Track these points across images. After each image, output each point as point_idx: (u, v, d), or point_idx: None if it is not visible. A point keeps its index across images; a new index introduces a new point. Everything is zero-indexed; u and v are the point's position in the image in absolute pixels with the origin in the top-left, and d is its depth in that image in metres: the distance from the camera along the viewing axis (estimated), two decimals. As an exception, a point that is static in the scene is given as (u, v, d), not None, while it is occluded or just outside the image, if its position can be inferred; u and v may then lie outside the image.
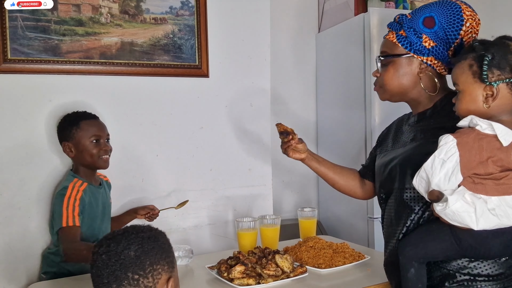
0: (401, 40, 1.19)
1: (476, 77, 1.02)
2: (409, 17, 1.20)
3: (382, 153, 1.35)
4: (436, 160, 1.02)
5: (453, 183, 1.01)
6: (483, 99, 1.02)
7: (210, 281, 1.48)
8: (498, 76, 1.00)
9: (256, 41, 2.27)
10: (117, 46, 1.95)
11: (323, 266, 1.53)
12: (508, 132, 0.99)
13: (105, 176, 1.86)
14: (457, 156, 1.00)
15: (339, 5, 2.75)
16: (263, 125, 2.29)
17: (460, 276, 1.07)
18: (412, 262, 1.10)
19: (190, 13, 2.10)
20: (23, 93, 1.80)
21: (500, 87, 1.00)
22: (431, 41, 1.16)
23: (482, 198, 0.99)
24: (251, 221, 1.76)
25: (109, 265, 0.81)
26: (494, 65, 1.00)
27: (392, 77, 1.21)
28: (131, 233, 0.85)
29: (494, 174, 0.99)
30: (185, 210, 2.09)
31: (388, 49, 1.22)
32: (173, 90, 2.08)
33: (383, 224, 1.29)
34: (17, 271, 1.78)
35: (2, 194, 1.76)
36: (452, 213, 0.99)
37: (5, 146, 1.77)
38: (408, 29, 1.17)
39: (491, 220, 0.98)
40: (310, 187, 2.94)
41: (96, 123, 1.71)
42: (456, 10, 1.15)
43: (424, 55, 1.17)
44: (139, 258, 0.82)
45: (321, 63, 2.87)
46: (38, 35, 1.82)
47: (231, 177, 2.21)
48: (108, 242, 0.83)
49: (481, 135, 1.00)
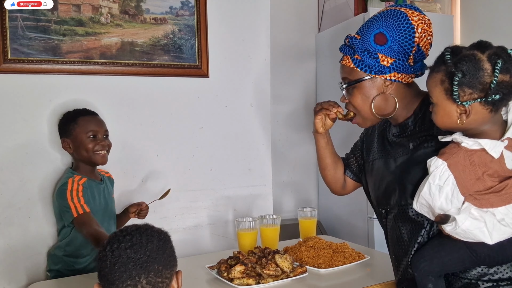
0: (358, 64, 1.15)
1: (448, 95, 0.97)
2: (358, 38, 1.16)
3: (370, 161, 1.31)
4: (432, 186, 0.99)
5: (455, 204, 0.98)
6: (457, 115, 0.97)
7: (210, 281, 1.48)
8: (470, 95, 0.94)
9: (256, 41, 2.27)
10: (117, 46, 1.96)
11: (323, 266, 1.53)
12: (496, 144, 0.96)
13: (106, 172, 1.86)
14: (452, 179, 0.97)
15: (339, 5, 2.75)
16: (263, 125, 2.29)
17: (483, 284, 1.04)
18: (428, 277, 1.06)
19: (190, 13, 2.10)
20: (23, 93, 1.80)
21: (472, 105, 0.95)
22: (388, 58, 1.12)
23: (489, 211, 0.95)
24: (251, 221, 1.76)
25: (136, 258, 0.81)
26: (465, 84, 0.93)
27: (362, 101, 1.17)
28: (146, 229, 0.87)
29: (494, 187, 0.96)
30: (185, 210, 2.09)
31: (348, 75, 1.19)
32: (173, 90, 2.08)
33: (389, 242, 1.24)
34: (17, 271, 1.78)
35: (2, 194, 1.76)
36: (463, 232, 0.96)
37: (5, 146, 1.77)
38: (361, 53, 1.14)
39: (503, 231, 0.95)
40: (310, 187, 2.94)
41: (94, 119, 1.72)
42: (404, 19, 1.11)
43: (386, 73, 1.13)
44: (161, 249, 0.85)
45: (321, 63, 2.88)
46: (38, 35, 1.82)
47: (231, 177, 2.22)
48: (128, 237, 0.84)
49: (470, 151, 0.97)
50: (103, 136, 1.71)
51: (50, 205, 1.79)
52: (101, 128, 1.71)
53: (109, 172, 1.88)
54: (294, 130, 2.87)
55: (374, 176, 1.27)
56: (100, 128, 1.71)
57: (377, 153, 1.27)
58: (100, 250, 0.85)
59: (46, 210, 1.80)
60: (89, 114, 1.73)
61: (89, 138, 1.68)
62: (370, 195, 1.33)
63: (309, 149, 2.92)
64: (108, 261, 0.82)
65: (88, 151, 1.67)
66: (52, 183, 1.81)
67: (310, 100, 2.92)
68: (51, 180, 1.81)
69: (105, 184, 1.78)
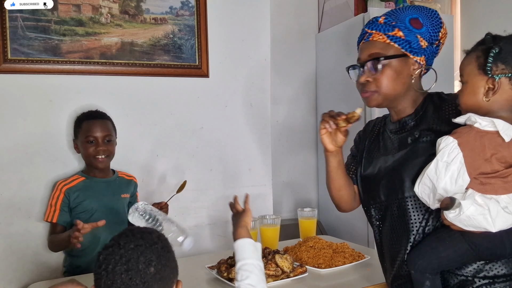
0: (397, 40, 1.13)
1: (480, 69, 1.00)
2: (393, 18, 1.16)
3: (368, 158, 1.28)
4: (440, 163, 0.99)
5: (460, 185, 0.98)
6: (484, 92, 1.00)
7: (210, 281, 1.48)
8: (502, 70, 0.98)
9: (256, 41, 2.27)
10: (117, 46, 1.96)
11: (323, 266, 1.53)
12: (509, 127, 0.97)
13: (129, 175, 1.87)
14: (461, 157, 0.97)
15: (339, 5, 2.75)
16: (263, 125, 2.29)
17: (479, 281, 1.04)
18: (425, 274, 1.06)
19: (190, 13, 2.10)
20: (23, 93, 1.80)
21: (502, 81, 0.98)
22: (424, 41, 1.15)
23: (493, 198, 0.96)
24: (251, 221, 1.75)
25: (131, 285, 0.78)
26: (499, 59, 0.98)
27: (392, 80, 1.13)
28: (145, 247, 0.81)
29: (500, 171, 0.97)
30: (185, 210, 2.09)
31: (381, 50, 1.14)
32: (173, 90, 2.08)
33: (383, 242, 1.22)
34: (17, 271, 1.78)
35: (2, 194, 1.76)
36: (467, 218, 0.96)
37: (5, 146, 1.77)
38: (404, 29, 1.13)
39: (507, 218, 0.95)
40: (310, 187, 2.94)
41: (96, 123, 1.72)
42: (434, 13, 1.17)
43: (419, 55, 1.14)
44: (159, 273, 0.80)
45: (321, 63, 2.88)
46: (38, 35, 1.82)
47: (231, 177, 2.22)
48: (124, 259, 0.79)
49: (482, 132, 0.98)
50: (103, 141, 1.71)
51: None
52: (102, 133, 1.71)
53: (133, 176, 1.89)
54: (294, 130, 2.87)
55: (372, 172, 1.25)
56: (101, 133, 1.71)
57: (376, 151, 1.26)
58: (97, 267, 0.81)
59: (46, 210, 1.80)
60: (93, 118, 1.73)
61: (88, 142, 1.70)
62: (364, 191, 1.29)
63: (309, 149, 2.93)
64: (102, 281, 0.79)
65: (88, 156, 1.71)
66: (52, 183, 1.81)
67: (310, 100, 2.92)
68: (51, 180, 1.82)
69: (117, 183, 1.80)
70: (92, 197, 1.70)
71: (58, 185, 1.70)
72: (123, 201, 1.81)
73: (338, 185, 1.31)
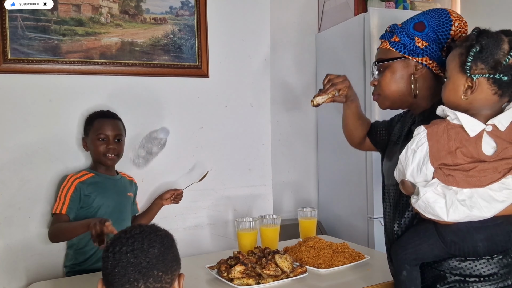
0: (394, 45, 1.22)
1: (461, 67, 1.01)
2: (400, 25, 1.24)
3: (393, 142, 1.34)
4: (409, 150, 1.04)
5: (424, 173, 1.02)
6: (463, 90, 1.01)
7: (210, 281, 1.48)
8: (481, 70, 0.98)
9: (256, 41, 2.27)
10: (117, 46, 1.95)
11: (323, 266, 1.53)
12: (475, 123, 0.99)
13: (130, 176, 1.91)
14: (426, 146, 1.01)
15: (339, 5, 2.75)
16: (263, 125, 2.29)
17: (451, 277, 1.07)
18: (404, 264, 1.10)
19: (190, 13, 2.09)
20: (23, 93, 1.80)
21: (480, 81, 0.99)
22: (423, 42, 1.18)
23: (452, 189, 0.99)
24: (251, 221, 1.76)
25: (136, 263, 0.82)
26: (479, 58, 0.98)
27: (390, 81, 1.22)
28: (150, 233, 0.87)
29: (463, 164, 0.99)
30: (185, 210, 2.09)
31: (383, 56, 1.25)
32: (173, 90, 2.08)
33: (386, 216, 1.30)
34: (17, 271, 1.78)
35: (2, 194, 1.76)
36: (424, 204, 1.00)
37: (5, 146, 1.77)
38: (400, 33, 1.21)
39: (460, 211, 0.98)
40: (310, 187, 2.94)
41: (108, 122, 1.75)
42: (443, 13, 1.20)
43: (419, 56, 1.19)
44: (162, 255, 0.85)
45: (321, 63, 2.87)
46: (38, 35, 1.82)
47: (231, 177, 2.21)
48: (130, 241, 0.85)
49: (450, 125, 1.01)
50: (114, 140, 1.75)
51: (50, 205, 1.79)
52: (113, 132, 1.74)
53: (133, 177, 1.93)
54: (294, 130, 2.87)
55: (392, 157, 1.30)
56: (112, 131, 1.74)
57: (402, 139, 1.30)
58: (104, 250, 0.87)
59: (46, 210, 1.80)
60: (106, 116, 1.77)
61: (99, 140, 1.72)
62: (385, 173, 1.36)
63: (309, 149, 2.93)
64: (109, 262, 0.83)
65: (98, 153, 1.74)
66: (52, 183, 1.81)
67: (310, 100, 2.92)
68: (51, 180, 1.82)
69: (122, 182, 1.83)
70: (102, 193, 1.72)
71: (69, 178, 1.70)
72: (129, 199, 1.84)
73: (351, 125, 1.46)
